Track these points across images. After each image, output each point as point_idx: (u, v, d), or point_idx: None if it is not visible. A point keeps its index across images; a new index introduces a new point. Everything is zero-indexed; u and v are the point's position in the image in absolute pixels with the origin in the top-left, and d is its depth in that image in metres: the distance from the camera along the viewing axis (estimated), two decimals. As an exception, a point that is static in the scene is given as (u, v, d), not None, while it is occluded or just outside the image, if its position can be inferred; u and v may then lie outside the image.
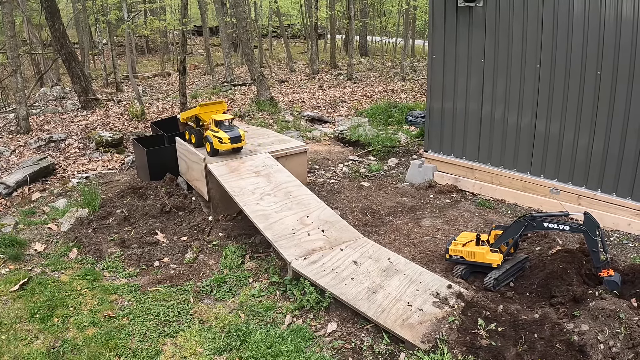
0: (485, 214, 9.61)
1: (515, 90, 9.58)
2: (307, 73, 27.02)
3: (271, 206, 8.29)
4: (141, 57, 35.12)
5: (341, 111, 18.56)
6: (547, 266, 7.02)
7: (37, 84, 21.53)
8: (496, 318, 6.10)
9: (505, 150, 9.98)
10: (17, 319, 6.52)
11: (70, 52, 17.48)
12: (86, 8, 26.75)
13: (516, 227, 7.02)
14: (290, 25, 40.06)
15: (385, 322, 6.06)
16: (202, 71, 29.14)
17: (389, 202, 10.24)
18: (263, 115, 16.59)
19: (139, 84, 23.39)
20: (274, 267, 7.73)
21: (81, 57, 24.55)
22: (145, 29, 24.18)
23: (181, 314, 6.73)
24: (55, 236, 8.86)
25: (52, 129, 14.77)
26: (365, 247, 7.59)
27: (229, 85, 23.25)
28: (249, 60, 18.40)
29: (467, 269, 7.28)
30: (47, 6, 16.75)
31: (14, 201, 10.43)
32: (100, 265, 7.98)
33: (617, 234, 8.65)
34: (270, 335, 6.20)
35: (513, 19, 9.30)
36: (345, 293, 6.53)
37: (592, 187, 9.00)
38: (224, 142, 9.36)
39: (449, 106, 10.63)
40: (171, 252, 8.40)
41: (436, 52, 10.61)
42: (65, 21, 22.00)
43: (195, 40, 39.47)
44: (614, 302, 5.95)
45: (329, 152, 13.42)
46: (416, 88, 22.17)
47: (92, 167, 12.35)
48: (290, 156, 10.04)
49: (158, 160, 10.51)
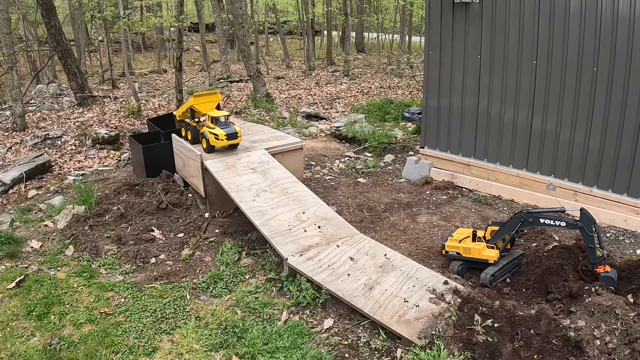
0: (481, 210, 9.62)
1: (511, 86, 9.58)
2: (304, 69, 26.98)
3: (267, 203, 8.29)
4: (137, 54, 35.05)
5: (338, 108, 18.54)
6: (543, 262, 7.03)
7: (33, 81, 21.46)
8: (492, 314, 6.10)
9: (502, 147, 9.98)
10: (14, 317, 6.52)
11: (66, 49, 17.44)
12: (82, 5, 26.63)
13: (512, 224, 7.02)
14: (286, 22, 40.02)
15: (382, 318, 6.06)
16: (199, 68, 29.08)
17: (385, 198, 10.24)
18: (259, 112, 16.57)
19: (135, 80, 23.35)
20: (270, 264, 7.73)
21: (77, 54, 24.52)
22: (141, 25, 24.17)
23: (178, 311, 6.73)
24: (51, 233, 8.85)
25: (48, 126, 14.74)
26: (361, 243, 7.60)
27: (225, 81, 23.22)
28: (246, 57, 18.37)
29: (463, 265, 7.28)
30: (42, 3, 16.69)
31: (10, 199, 10.41)
32: (96, 262, 7.98)
33: (614, 230, 8.66)
34: (266, 332, 6.20)
35: (509, 15, 9.30)
36: (341, 289, 6.53)
37: (589, 184, 9.01)
38: (220, 138, 9.36)
39: (446, 103, 10.62)
40: (167, 249, 8.40)
41: (432, 49, 10.61)
42: (61, 18, 21.92)
43: (191, 37, 39.38)
44: (610, 298, 5.98)
45: (326, 149, 13.41)
46: (413, 84, 22.17)
47: (88, 164, 12.32)
48: (286, 153, 10.04)
49: (154, 157, 10.50)
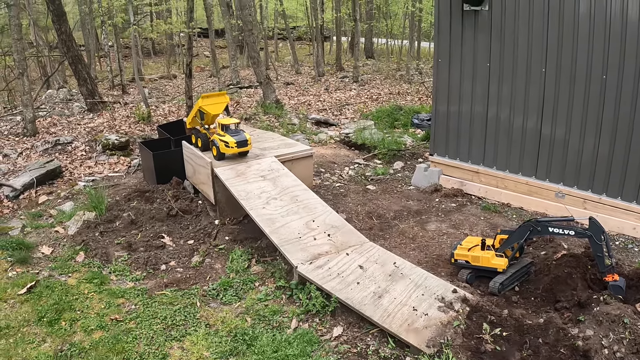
0: (490, 218, 9.61)
1: (520, 94, 9.58)
2: (313, 75, 27.04)
3: (277, 210, 8.32)
4: (147, 59, 35.23)
5: (347, 114, 18.57)
6: (552, 271, 7.02)
7: (44, 86, 21.64)
8: (501, 323, 6.11)
9: (511, 154, 9.98)
10: (25, 322, 6.57)
11: (77, 55, 17.57)
12: (92, 11, 26.85)
13: (521, 232, 7.02)
14: (296, 28, 40.12)
15: (391, 326, 6.08)
16: (208, 74, 29.19)
17: (394, 205, 10.25)
18: (269, 118, 16.62)
19: (145, 86, 23.46)
20: (280, 271, 7.75)
21: (87, 59, 24.68)
22: (151, 31, 24.34)
23: (188, 318, 6.77)
24: (62, 239, 8.92)
25: (59, 132, 14.84)
26: (371, 251, 7.61)
27: (235, 87, 23.30)
28: (255, 63, 18.43)
29: (472, 274, 7.28)
30: (53, 9, 16.83)
31: (21, 204, 10.49)
32: (107, 268, 8.03)
33: (622, 238, 8.63)
34: (276, 340, 6.23)
35: (518, 22, 9.30)
36: (351, 297, 6.55)
37: (598, 191, 8.99)
38: (230, 146, 9.41)
39: (455, 110, 10.64)
40: (178, 255, 8.45)
41: (442, 56, 10.63)
42: (71, 24, 22.11)
43: (201, 43, 39.52)
44: (619, 307, 5.96)
45: (335, 156, 13.44)
46: (422, 91, 22.17)
47: (98, 170, 12.41)
48: (296, 160, 10.08)
49: (164, 164, 10.55)
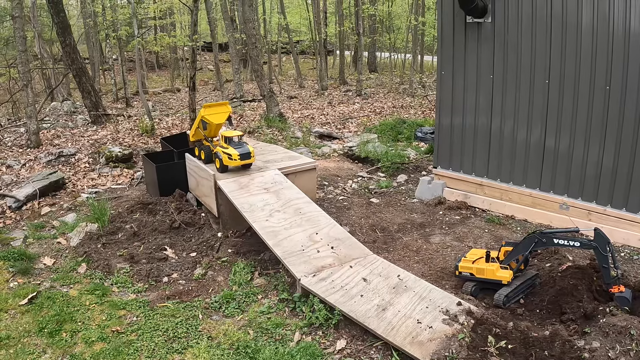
0: (494, 230, 9.56)
1: (524, 105, 9.57)
2: (316, 89, 27.13)
3: (280, 223, 8.28)
4: (151, 72, 35.42)
5: (350, 127, 18.60)
6: (557, 282, 6.96)
7: (48, 98, 21.74)
8: (506, 335, 6.04)
9: (515, 166, 9.95)
10: (25, 333, 6.53)
11: (81, 67, 17.67)
12: (97, 24, 27.05)
13: (526, 244, 6.97)
14: (299, 42, 40.31)
15: (395, 339, 6.01)
16: (212, 87, 29.31)
17: (398, 218, 10.21)
18: (272, 132, 16.65)
19: (149, 99, 23.55)
20: (283, 284, 7.69)
21: (91, 72, 24.85)
22: (155, 44, 24.44)
23: (190, 330, 6.71)
24: (64, 250, 8.89)
25: (62, 144, 14.88)
26: (374, 264, 7.56)
27: (238, 101, 23.40)
28: (259, 77, 18.49)
29: (476, 286, 7.23)
30: (58, 22, 16.95)
31: (24, 215, 10.48)
32: (109, 280, 7.99)
33: (628, 249, 8.57)
34: (279, 352, 6.17)
35: (521, 34, 9.32)
36: (354, 310, 6.50)
37: (602, 203, 8.95)
38: (233, 158, 9.39)
39: (458, 122, 10.63)
40: (180, 268, 8.40)
41: (445, 69, 10.64)
42: (76, 36, 22.21)
43: (204, 56, 39.75)
44: (625, 318, 5.90)
45: (338, 169, 13.42)
46: (425, 104, 22.20)
47: (101, 182, 12.40)
48: (299, 173, 10.05)
49: (167, 176, 10.53)
